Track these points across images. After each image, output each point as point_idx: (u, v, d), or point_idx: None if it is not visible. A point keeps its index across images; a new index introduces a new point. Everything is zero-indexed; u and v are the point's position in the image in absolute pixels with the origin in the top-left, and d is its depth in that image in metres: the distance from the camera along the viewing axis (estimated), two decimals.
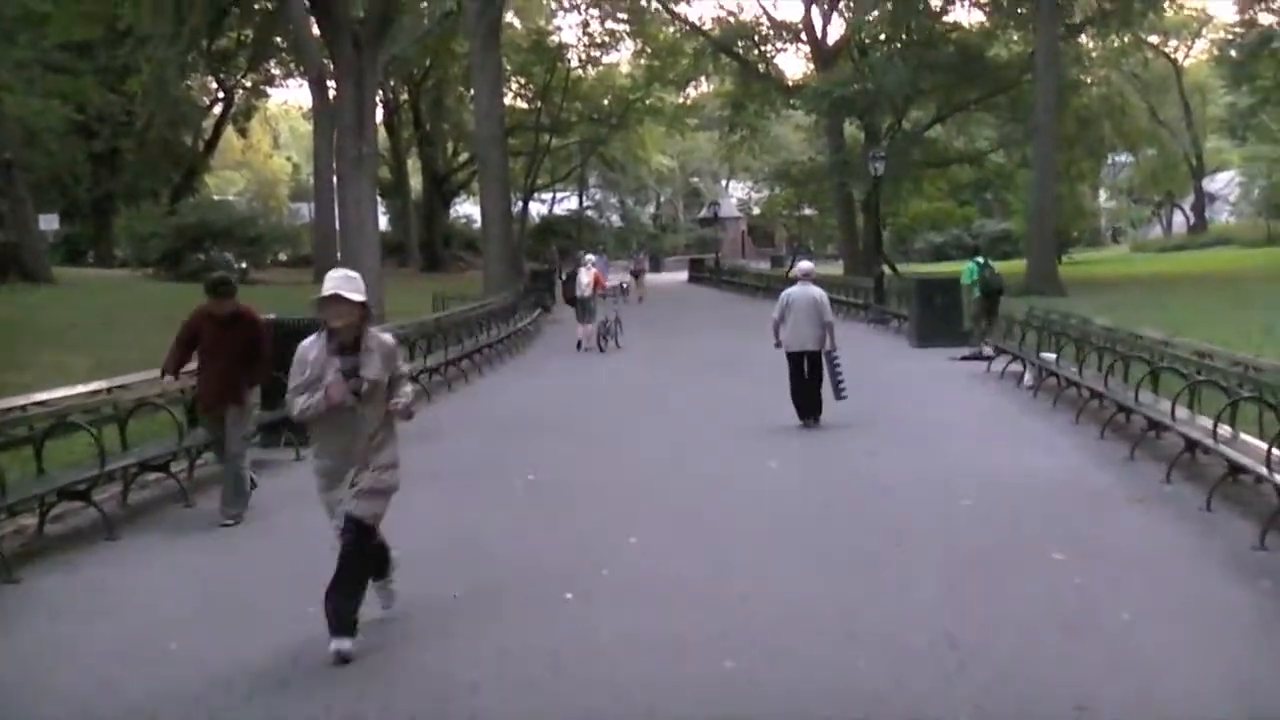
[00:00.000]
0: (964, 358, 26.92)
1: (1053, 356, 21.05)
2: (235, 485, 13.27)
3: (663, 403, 22.23)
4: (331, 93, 36.93)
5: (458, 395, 24.09)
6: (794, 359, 18.67)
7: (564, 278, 41.71)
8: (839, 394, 18.83)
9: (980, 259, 29.16)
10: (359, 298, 8.67)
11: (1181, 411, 14.31)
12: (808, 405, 18.63)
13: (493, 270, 47.19)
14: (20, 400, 13.72)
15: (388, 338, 9.13)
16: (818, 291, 18.99)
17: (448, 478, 15.00)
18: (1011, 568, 10.40)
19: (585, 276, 33.88)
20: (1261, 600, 9.39)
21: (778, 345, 18.73)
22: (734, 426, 18.92)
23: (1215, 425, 12.96)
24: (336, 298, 8.62)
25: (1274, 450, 11.16)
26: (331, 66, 34.26)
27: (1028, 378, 22.28)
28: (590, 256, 40.05)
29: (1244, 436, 12.97)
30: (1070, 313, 23.95)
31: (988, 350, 26.28)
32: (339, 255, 34.42)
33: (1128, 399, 16.13)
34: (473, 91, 57.45)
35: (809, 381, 18.66)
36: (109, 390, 15.35)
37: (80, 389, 15.10)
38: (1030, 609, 9.23)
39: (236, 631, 9.28)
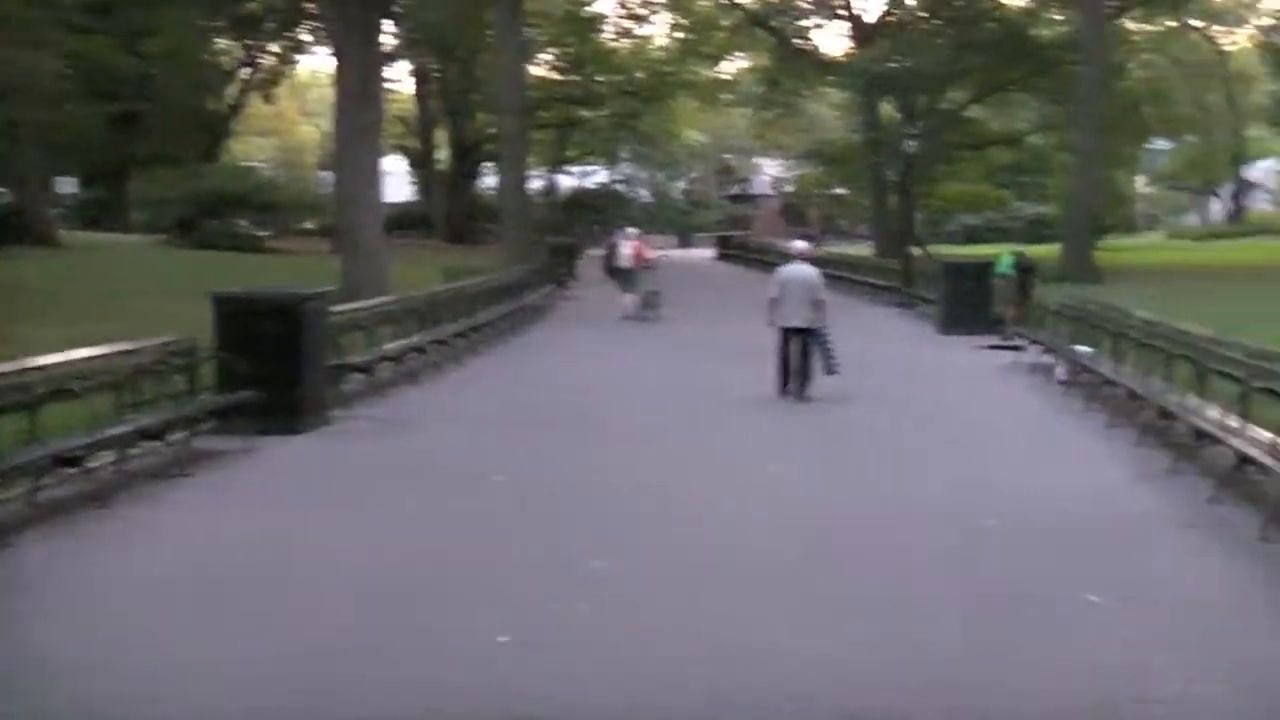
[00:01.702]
0: (993, 346, 25.41)
1: (1089, 350, 19.53)
2: None
3: (658, 392, 20.71)
4: None
5: (445, 379, 22.35)
6: (784, 334, 19.05)
7: (605, 251, 41.16)
8: (831, 369, 19.29)
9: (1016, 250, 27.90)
10: None
11: (1233, 420, 12.73)
12: (793, 378, 18.96)
13: (509, 243, 45.69)
14: (15, 366, 12.63)
15: None
16: (812, 271, 19.59)
17: (398, 479, 13.59)
18: (1042, 614, 8.84)
19: (626, 249, 35.21)
20: None
21: (771, 323, 19.18)
22: (732, 420, 17.76)
23: (1276, 441, 11.36)
24: None
25: None
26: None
27: (1060, 371, 20.74)
28: (632, 230, 39.53)
29: None
30: (1109, 303, 22.26)
31: (1017, 340, 24.81)
32: (341, 224, 33.03)
33: (1170, 403, 14.60)
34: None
35: (798, 357, 19.00)
36: (108, 356, 14.24)
37: (81, 353, 13.88)
38: (1066, 674, 7.69)
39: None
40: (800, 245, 21.31)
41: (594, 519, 11.71)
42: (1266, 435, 11.92)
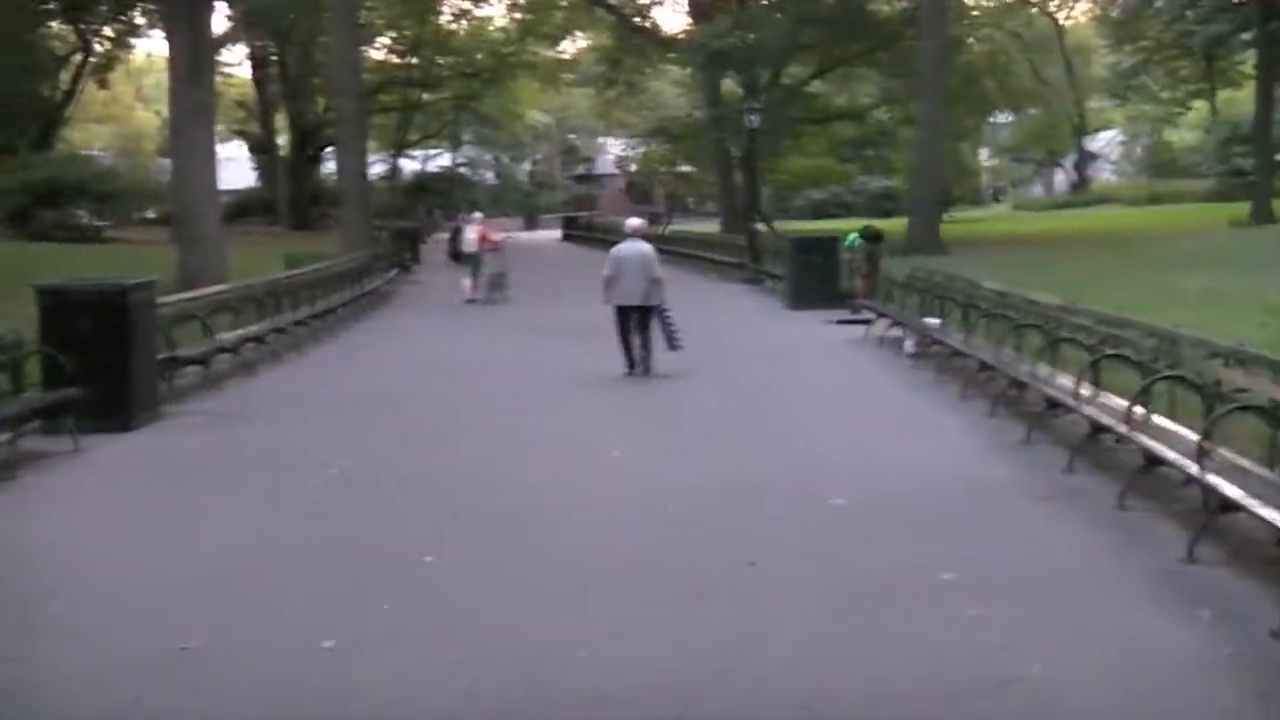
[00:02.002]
0: (841, 321, 25.22)
1: (937, 322, 19.36)
2: None
3: (501, 375, 20.13)
4: None
5: (285, 369, 21.46)
6: (621, 312, 19.07)
7: (449, 235, 41.28)
8: (673, 344, 19.48)
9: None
10: None
11: (1085, 389, 12.50)
12: (635, 356, 18.97)
13: (350, 229, 44.49)
14: None
15: None
16: (646, 247, 19.45)
17: (226, 474, 12.95)
18: (891, 596, 8.42)
19: (471, 233, 34.74)
20: (1200, 636, 7.57)
21: (606, 302, 19.19)
22: (576, 402, 17.29)
23: (1130, 409, 11.12)
24: None
25: (1203, 441, 9.41)
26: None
27: (909, 344, 20.48)
28: (476, 214, 39.57)
29: (1160, 420, 11.15)
30: (956, 274, 22.08)
31: (866, 314, 24.68)
32: (177, 211, 32.07)
33: (1021, 372, 14.39)
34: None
35: (637, 335, 19.00)
36: None
37: None
38: (916, 660, 7.26)
39: None
40: (634, 223, 21.15)
41: (430, 511, 11.07)
42: (1119, 402, 11.69)
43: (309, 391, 18.94)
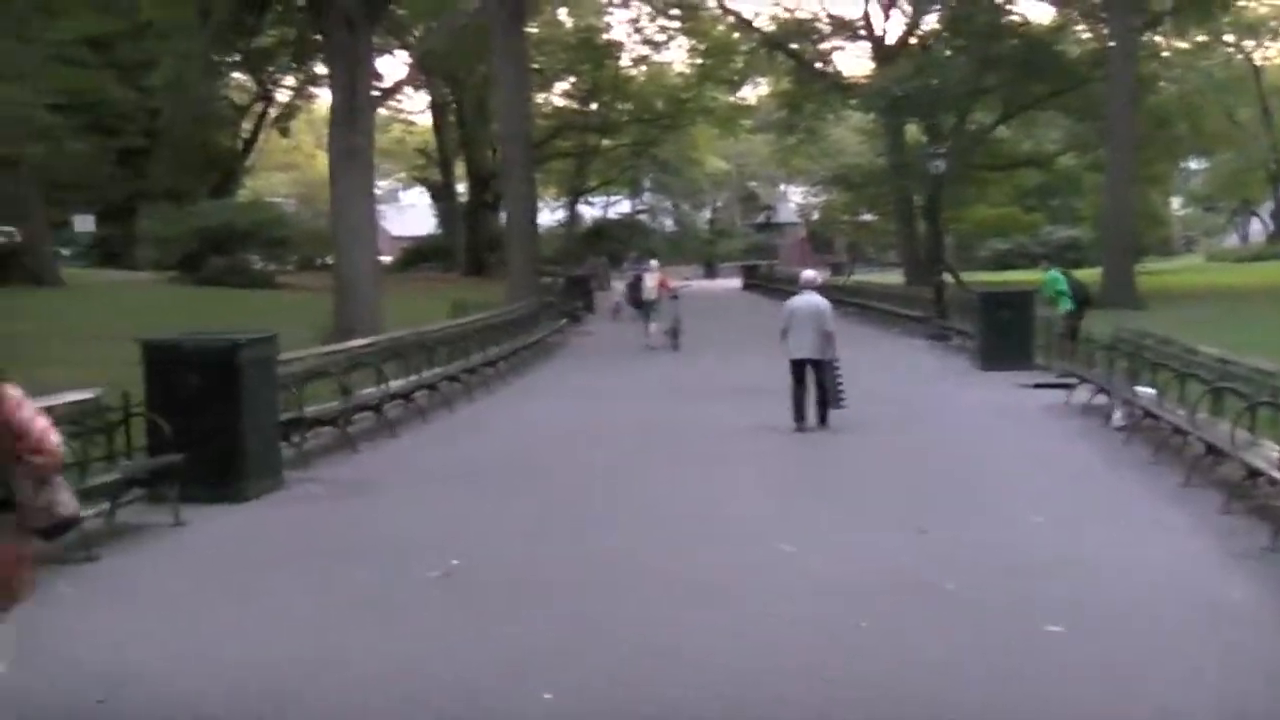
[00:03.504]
0: (1038, 385, 23.40)
1: (1152, 392, 17.42)
2: None
3: (661, 440, 18.72)
4: None
5: (429, 429, 20.19)
6: (796, 366, 18.94)
7: (629, 283, 41.37)
8: (838, 403, 18.88)
9: (1058, 271, 25.85)
10: None
11: None
12: (806, 410, 18.80)
13: (515, 276, 43.74)
14: None
15: None
16: (820, 301, 19.40)
17: (333, 559, 11.57)
18: None
19: (650, 280, 36.33)
20: None
21: (785, 354, 19.04)
22: (737, 474, 15.74)
23: None
24: None
25: None
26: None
27: (1118, 415, 18.41)
28: (653, 262, 40.61)
29: None
30: (1167, 336, 19.71)
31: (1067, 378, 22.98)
32: (335, 258, 31.18)
33: (1260, 459, 12.53)
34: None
35: (809, 388, 18.86)
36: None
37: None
38: None
39: None
40: (809, 274, 21.21)
41: (555, 628, 9.29)
42: None
43: (449, 456, 17.58)
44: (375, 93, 35.49)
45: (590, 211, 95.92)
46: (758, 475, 15.83)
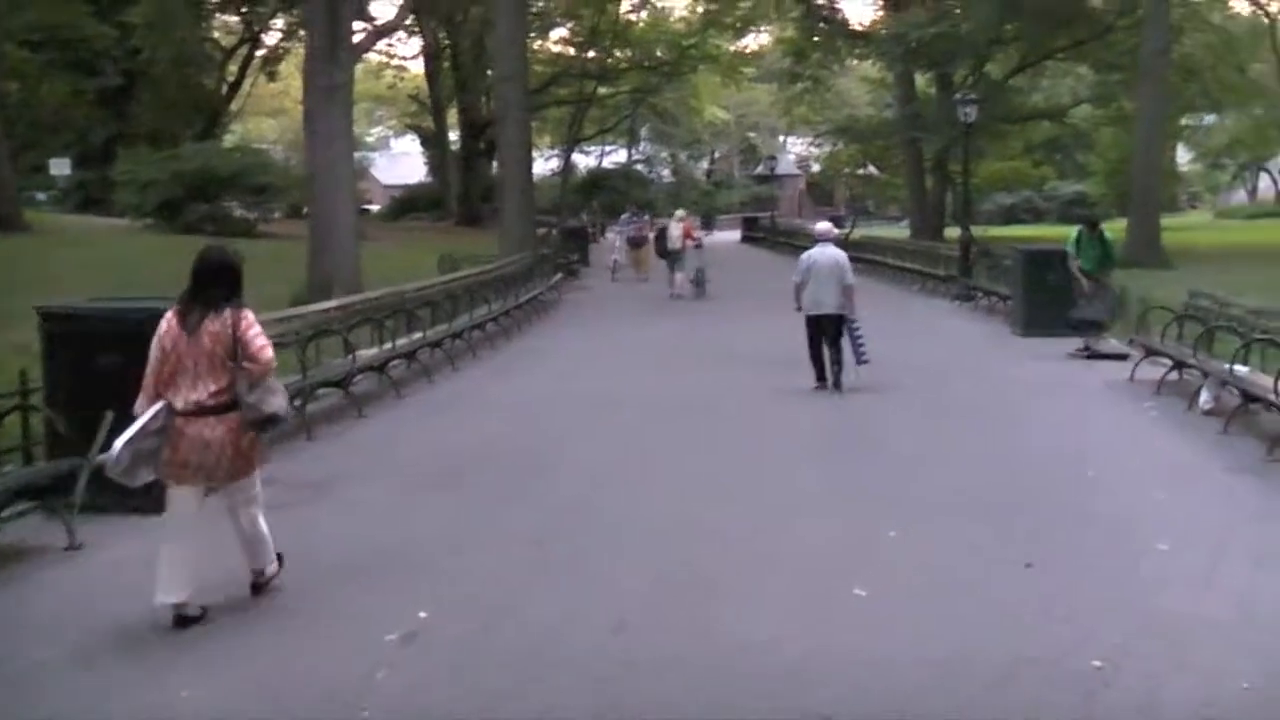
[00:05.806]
0: (1089, 354, 21.26)
1: (1244, 369, 15.09)
2: None
3: (673, 420, 16.33)
4: None
5: (405, 408, 17.39)
6: (812, 322, 18.36)
7: (655, 234, 40.79)
8: (860, 359, 18.33)
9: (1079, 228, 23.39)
10: None
11: None
12: (826, 368, 18.29)
13: (509, 228, 41.16)
14: None
15: None
16: (839, 253, 18.66)
17: (246, 621, 8.52)
18: None
19: (675, 230, 36.64)
20: None
21: (798, 309, 18.46)
22: (769, 471, 13.20)
23: None
24: None
25: None
26: None
27: (1205, 397, 15.71)
28: (680, 211, 40.09)
29: None
30: (1264, 307, 16.82)
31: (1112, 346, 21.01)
32: (309, 207, 29.02)
33: None
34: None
35: (828, 347, 18.25)
36: None
37: None
38: None
39: None
40: (824, 226, 20.07)
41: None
42: None
43: (424, 444, 14.87)
44: (367, 30, 33.33)
45: (585, 161, 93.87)
46: (790, 466, 13.41)
